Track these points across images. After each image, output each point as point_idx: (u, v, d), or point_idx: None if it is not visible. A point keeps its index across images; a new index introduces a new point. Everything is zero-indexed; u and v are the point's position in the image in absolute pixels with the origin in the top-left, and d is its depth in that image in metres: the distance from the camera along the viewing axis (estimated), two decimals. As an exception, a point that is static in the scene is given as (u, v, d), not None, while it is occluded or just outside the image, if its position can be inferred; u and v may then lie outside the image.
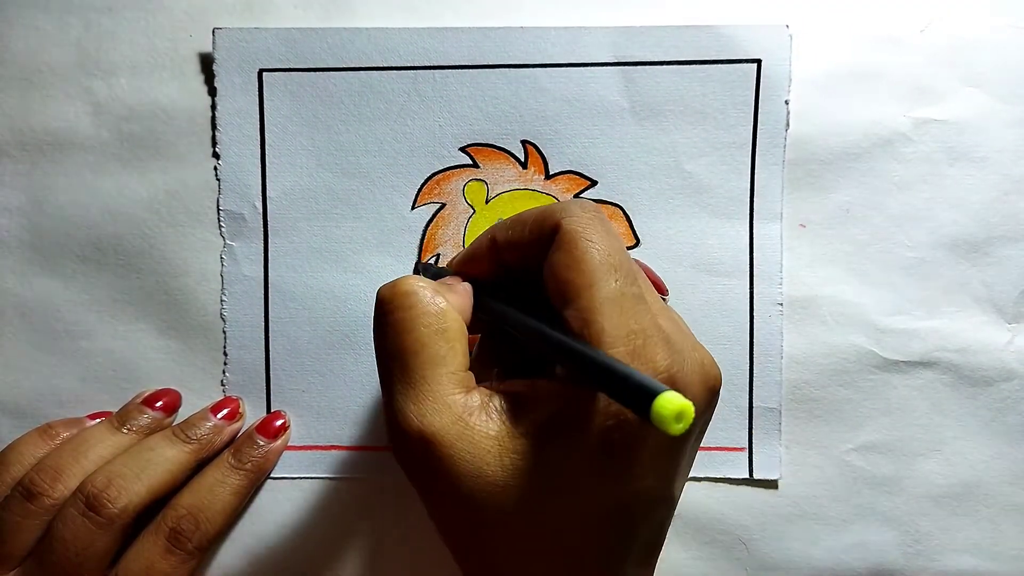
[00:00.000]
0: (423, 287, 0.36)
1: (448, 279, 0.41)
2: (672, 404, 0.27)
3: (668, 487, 0.36)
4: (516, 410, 0.34)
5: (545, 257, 0.36)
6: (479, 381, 0.36)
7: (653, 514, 0.36)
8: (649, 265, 0.48)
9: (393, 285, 0.36)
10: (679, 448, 0.35)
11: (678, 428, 0.27)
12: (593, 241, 0.35)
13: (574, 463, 0.33)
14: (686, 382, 0.34)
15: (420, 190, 0.49)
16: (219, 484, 0.45)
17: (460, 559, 0.36)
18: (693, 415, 0.28)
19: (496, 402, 0.34)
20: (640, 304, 0.34)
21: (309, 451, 0.49)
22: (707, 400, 0.36)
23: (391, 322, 0.35)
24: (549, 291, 0.36)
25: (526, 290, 0.38)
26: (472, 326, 0.38)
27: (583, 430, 0.33)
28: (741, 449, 0.49)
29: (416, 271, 0.44)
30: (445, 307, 0.36)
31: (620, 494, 0.34)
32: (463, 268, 0.41)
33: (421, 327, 0.35)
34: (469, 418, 0.33)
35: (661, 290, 0.47)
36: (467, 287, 0.40)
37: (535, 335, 0.35)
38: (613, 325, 0.33)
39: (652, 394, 0.28)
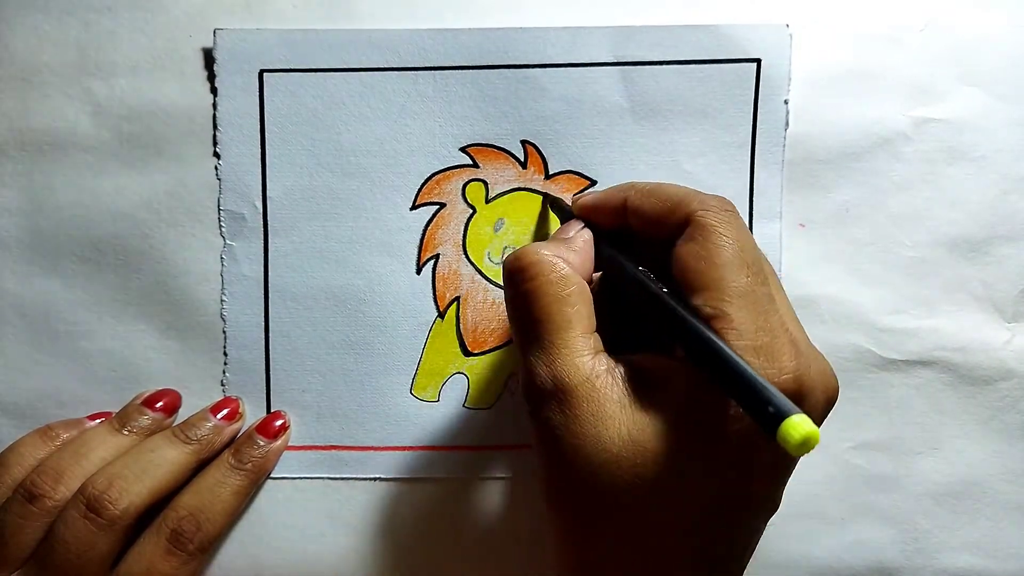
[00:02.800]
0: (546, 255, 0.37)
1: (568, 228, 0.42)
2: (800, 430, 0.28)
3: (778, 492, 0.37)
4: (640, 383, 0.35)
5: (673, 239, 0.37)
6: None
7: (759, 516, 0.37)
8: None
9: (517, 256, 0.38)
10: (795, 459, 0.36)
11: (801, 451, 0.28)
12: (726, 236, 0.36)
13: (694, 452, 0.34)
14: (810, 387, 0.34)
15: (420, 190, 0.49)
16: (220, 485, 0.45)
17: (563, 533, 0.37)
18: (817, 441, 0.28)
19: (620, 369, 0.36)
20: (770, 303, 0.35)
21: (309, 451, 0.49)
22: (826, 409, 0.37)
23: (519, 293, 0.37)
24: (677, 276, 0.36)
25: (644, 252, 0.39)
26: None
27: (706, 424, 0.34)
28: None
29: (546, 202, 0.47)
30: (567, 272, 0.37)
31: (735, 492, 0.35)
32: (587, 214, 0.43)
33: (546, 295, 0.37)
34: (596, 380, 0.35)
35: None
36: (587, 238, 0.41)
37: (664, 310, 0.35)
38: (742, 318, 0.34)
39: (782, 415, 0.28)
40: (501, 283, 0.48)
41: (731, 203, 0.38)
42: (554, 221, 0.48)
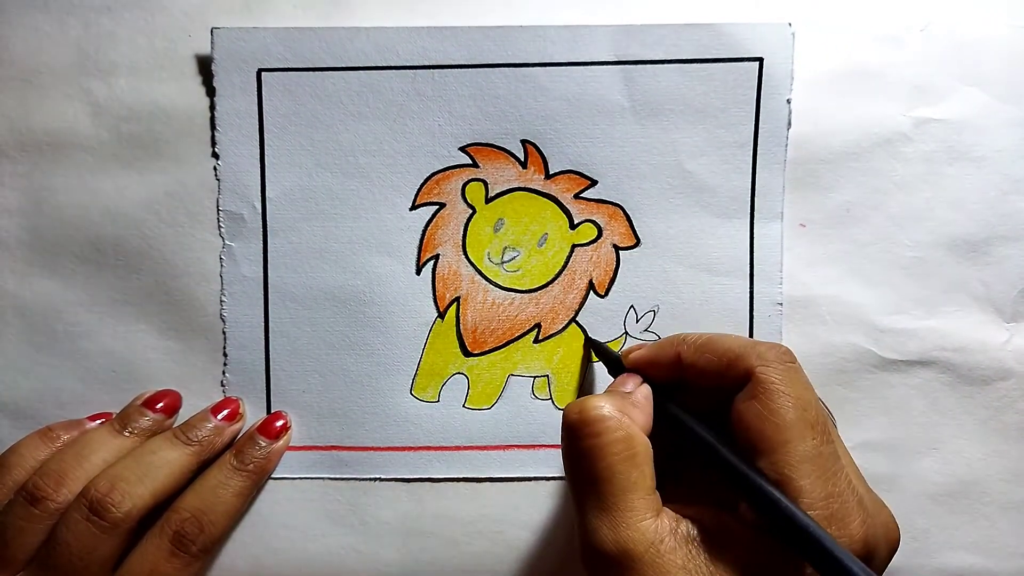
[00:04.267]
0: (610, 413, 0.37)
1: (625, 382, 0.42)
2: None
3: None
4: (706, 543, 0.35)
5: (730, 392, 0.37)
6: None
7: None
8: (649, 266, 0.48)
9: (581, 411, 0.37)
10: None
11: None
12: (789, 395, 0.36)
13: None
14: (875, 545, 0.34)
15: (419, 190, 0.49)
16: (222, 486, 0.45)
17: None
18: None
19: (683, 529, 0.35)
20: (836, 464, 0.35)
21: (309, 451, 0.49)
22: (888, 560, 0.37)
23: (582, 449, 0.37)
24: (738, 435, 0.36)
25: (700, 403, 0.39)
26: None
27: None
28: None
29: (588, 346, 0.47)
30: (634, 432, 0.37)
31: None
32: (643, 367, 0.42)
33: (612, 455, 0.36)
34: (660, 545, 0.34)
35: None
36: (647, 394, 0.41)
37: (738, 477, 0.35)
38: (811, 486, 0.34)
39: None
40: (502, 283, 0.48)
41: (790, 353, 0.38)
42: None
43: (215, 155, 0.48)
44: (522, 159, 0.48)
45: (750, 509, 0.35)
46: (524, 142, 0.48)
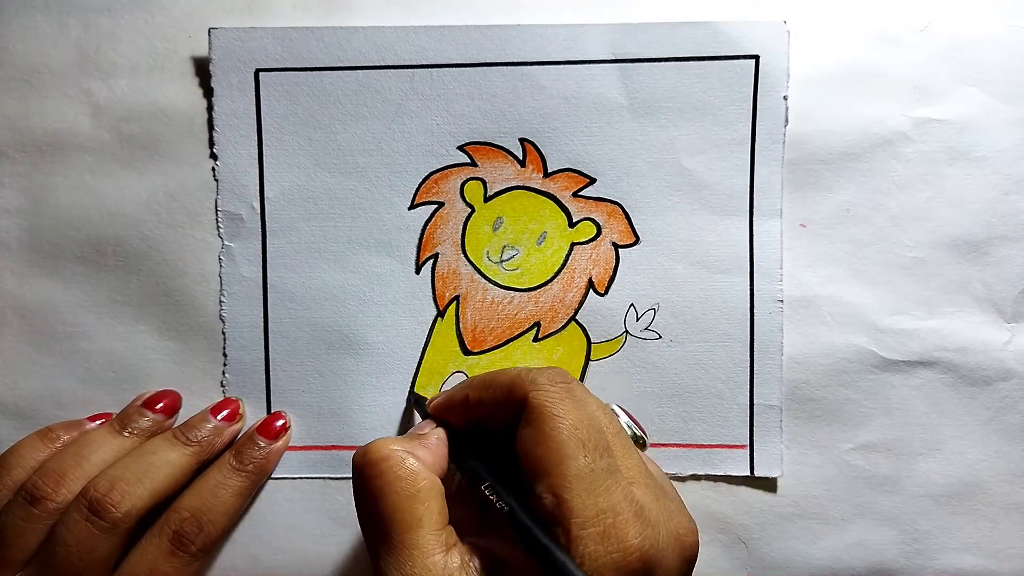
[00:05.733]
0: (395, 450, 0.37)
1: (423, 426, 0.42)
2: None
3: None
4: (494, 573, 0.35)
5: (517, 421, 0.37)
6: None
7: None
8: (649, 264, 0.48)
9: (365, 452, 0.37)
10: None
11: None
12: (560, 416, 0.36)
13: None
14: (659, 557, 0.34)
15: (418, 189, 0.49)
16: (221, 486, 0.45)
17: None
18: None
19: (475, 563, 0.35)
20: (611, 478, 0.35)
21: (310, 451, 0.49)
22: (683, 569, 0.37)
23: (367, 490, 0.37)
24: (522, 462, 0.36)
25: (502, 441, 0.39)
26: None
27: None
28: (742, 447, 0.49)
29: (409, 402, 0.48)
30: (417, 468, 0.37)
31: None
32: (440, 414, 0.43)
33: (395, 493, 0.36)
34: None
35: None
36: (441, 436, 0.41)
37: (507, 513, 0.36)
38: (582, 505, 0.34)
39: None
40: (501, 282, 0.48)
41: (564, 373, 0.38)
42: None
43: (213, 156, 0.48)
44: (520, 158, 0.48)
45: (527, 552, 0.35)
46: (522, 141, 0.48)
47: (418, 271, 0.49)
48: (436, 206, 0.49)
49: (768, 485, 0.49)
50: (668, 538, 0.35)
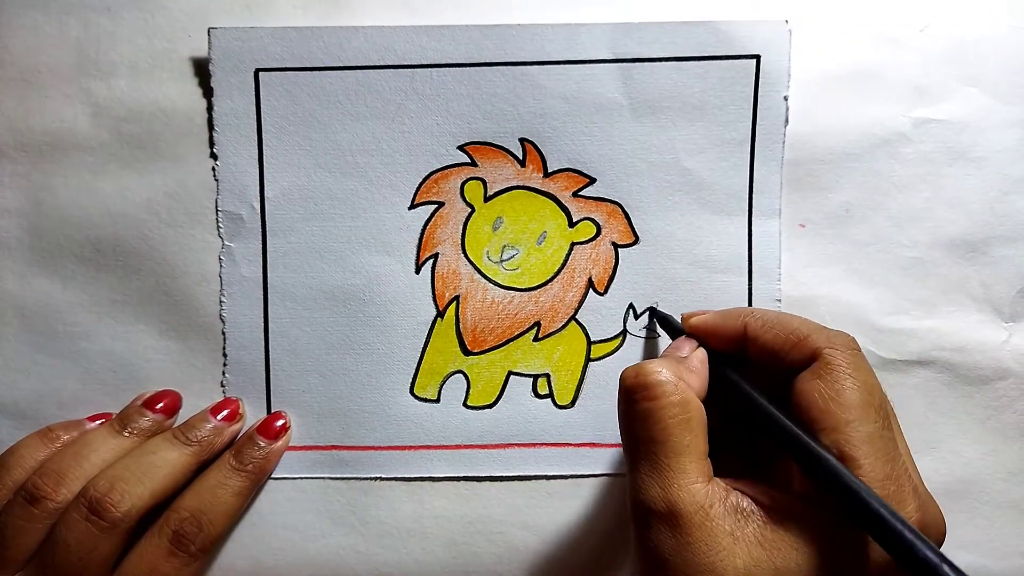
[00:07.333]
0: (667, 378, 0.37)
1: (682, 346, 0.42)
2: None
3: None
4: (757, 516, 0.35)
5: (791, 371, 0.38)
6: None
7: None
8: (648, 263, 0.48)
9: (637, 374, 0.38)
10: None
11: None
12: (855, 377, 0.36)
13: None
14: (925, 533, 0.34)
15: (418, 189, 0.49)
16: (221, 486, 0.45)
17: None
18: None
19: (733, 499, 0.35)
20: (895, 449, 0.35)
21: (310, 451, 0.49)
22: None
23: (638, 411, 0.37)
24: (799, 412, 0.36)
25: (757, 377, 0.40)
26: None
27: (845, 571, 0.34)
28: (741, 445, 0.49)
29: (653, 316, 0.48)
30: (690, 396, 0.37)
31: None
32: (700, 334, 0.43)
33: (667, 418, 0.36)
34: (710, 510, 0.35)
35: None
36: (703, 359, 0.42)
37: (801, 450, 0.35)
38: (872, 466, 0.34)
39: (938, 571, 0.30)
40: (501, 282, 0.48)
41: (856, 342, 0.38)
42: (553, 217, 0.48)
43: (213, 156, 0.48)
44: (520, 157, 0.48)
45: (807, 482, 0.35)
46: (522, 140, 0.48)
47: (418, 271, 0.49)
48: (436, 206, 0.49)
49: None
50: (931, 518, 0.36)
